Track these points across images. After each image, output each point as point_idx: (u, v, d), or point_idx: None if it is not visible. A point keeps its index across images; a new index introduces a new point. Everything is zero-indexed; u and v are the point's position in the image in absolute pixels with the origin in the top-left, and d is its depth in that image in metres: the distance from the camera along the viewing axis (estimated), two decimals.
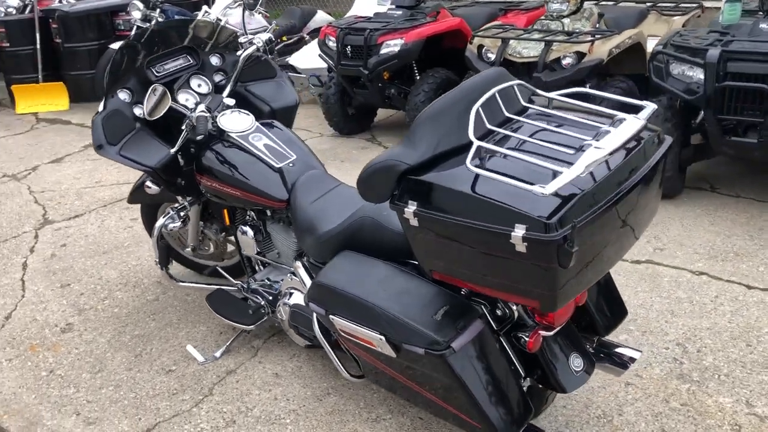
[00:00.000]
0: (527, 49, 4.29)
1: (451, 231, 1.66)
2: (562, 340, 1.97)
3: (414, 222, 1.72)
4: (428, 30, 4.86)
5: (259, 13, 6.44)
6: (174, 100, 2.64)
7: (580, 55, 4.13)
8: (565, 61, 4.16)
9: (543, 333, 1.90)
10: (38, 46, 6.63)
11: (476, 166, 1.59)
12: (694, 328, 2.77)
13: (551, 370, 1.94)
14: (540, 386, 2.01)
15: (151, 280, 3.41)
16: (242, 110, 2.69)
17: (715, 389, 2.42)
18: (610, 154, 1.54)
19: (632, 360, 2.16)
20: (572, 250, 1.48)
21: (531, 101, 1.87)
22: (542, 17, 4.61)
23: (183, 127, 2.53)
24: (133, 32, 2.96)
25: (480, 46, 4.50)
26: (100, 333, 3.00)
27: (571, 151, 1.58)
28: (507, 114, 1.78)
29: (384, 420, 2.38)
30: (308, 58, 5.67)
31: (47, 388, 2.65)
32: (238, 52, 2.84)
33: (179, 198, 2.85)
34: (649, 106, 1.72)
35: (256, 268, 2.81)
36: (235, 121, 2.64)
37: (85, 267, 3.60)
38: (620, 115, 1.67)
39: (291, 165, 2.54)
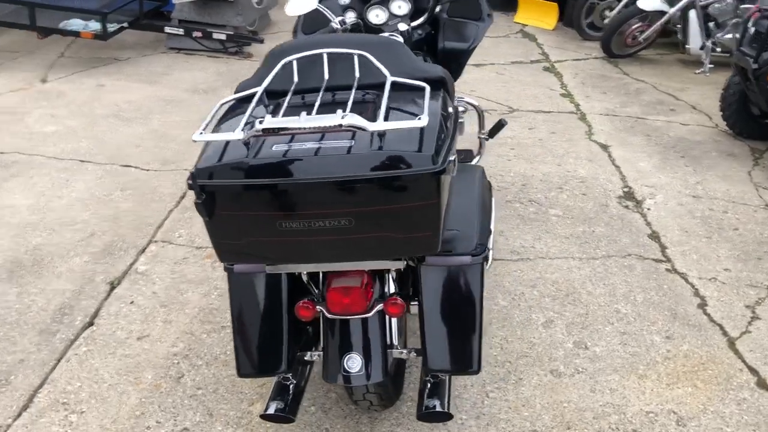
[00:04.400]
0: None
1: None
2: (348, 333, 1.87)
3: None
4: None
5: None
6: (363, 15, 2.99)
7: None
8: None
9: (320, 309, 1.85)
10: None
11: (229, 105, 1.69)
12: None
13: (324, 352, 1.90)
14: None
15: None
16: (398, 36, 2.88)
17: None
18: (262, 134, 1.46)
19: (430, 410, 1.85)
20: (196, 200, 1.53)
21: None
22: None
23: None
24: None
25: None
26: None
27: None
28: (326, 79, 1.72)
29: None
30: None
31: None
32: None
33: None
34: (407, 122, 1.46)
35: None
36: None
37: None
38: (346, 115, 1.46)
39: None
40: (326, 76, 1.74)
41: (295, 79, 1.73)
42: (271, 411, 1.90)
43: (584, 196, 3.70)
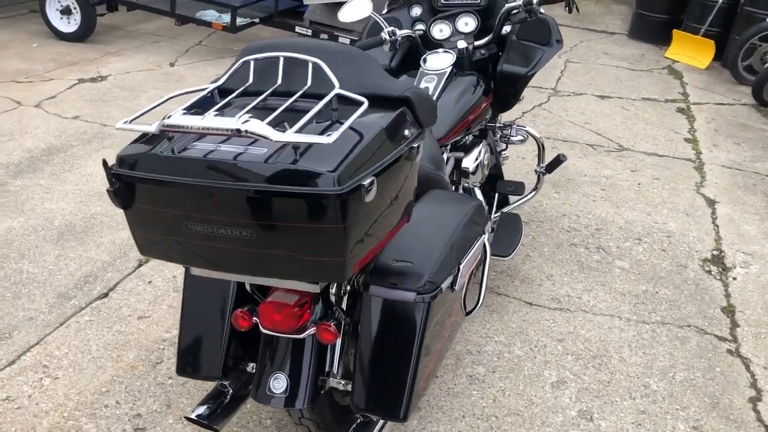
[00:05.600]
0: None
1: None
2: (278, 352, 1.78)
3: None
4: None
5: None
6: (428, 30, 2.87)
7: None
8: None
9: (256, 321, 1.78)
10: (720, 2, 6.53)
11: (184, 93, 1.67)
12: None
13: (257, 367, 1.82)
14: None
15: None
16: (450, 52, 2.73)
17: None
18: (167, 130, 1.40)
19: None
20: (108, 188, 1.52)
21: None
22: None
23: None
24: None
25: None
26: None
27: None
28: (280, 82, 1.64)
29: None
30: None
31: None
32: (507, 5, 2.76)
33: None
34: (313, 137, 1.35)
35: None
36: (435, 60, 2.73)
37: None
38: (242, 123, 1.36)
39: None
40: (279, 80, 1.66)
41: (250, 80, 1.67)
42: (193, 415, 1.84)
43: (663, 252, 3.32)
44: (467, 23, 2.85)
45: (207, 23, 5.60)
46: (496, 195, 3.01)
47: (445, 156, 2.60)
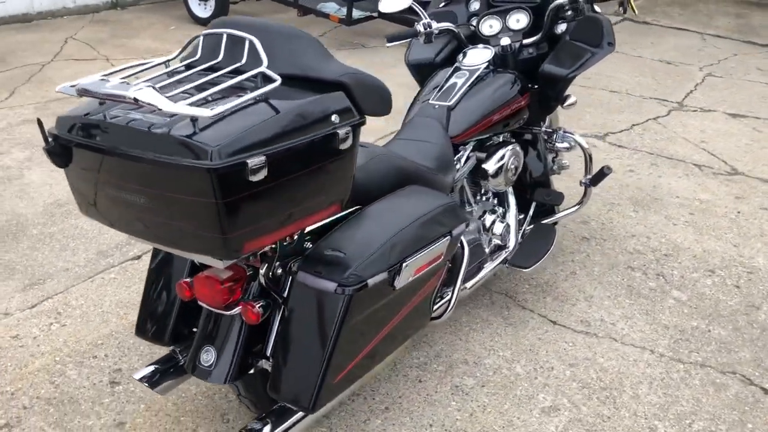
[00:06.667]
0: None
1: None
2: (210, 325, 1.80)
3: None
4: None
5: None
6: (477, 25, 2.77)
7: None
8: None
9: (195, 294, 1.81)
10: None
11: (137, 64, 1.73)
12: None
13: (194, 340, 1.85)
14: None
15: None
16: (489, 48, 2.61)
17: None
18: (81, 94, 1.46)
19: (248, 430, 1.70)
20: (44, 147, 1.61)
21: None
22: None
23: None
24: None
25: None
26: None
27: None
28: (221, 58, 1.64)
29: None
30: None
31: None
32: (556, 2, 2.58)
33: None
34: (194, 109, 1.35)
35: None
36: (472, 56, 2.62)
37: None
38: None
39: (434, 107, 2.47)
40: (220, 56, 1.66)
41: (198, 55, 1.69)
42: (137, 376, 1.91)
43: (736, 288, 2.95)
44: (519, 20, 2.71)
45: (325, 15, 5.75)
46: (533, 204, 2.83)
47: (465, 155, 2.48)
